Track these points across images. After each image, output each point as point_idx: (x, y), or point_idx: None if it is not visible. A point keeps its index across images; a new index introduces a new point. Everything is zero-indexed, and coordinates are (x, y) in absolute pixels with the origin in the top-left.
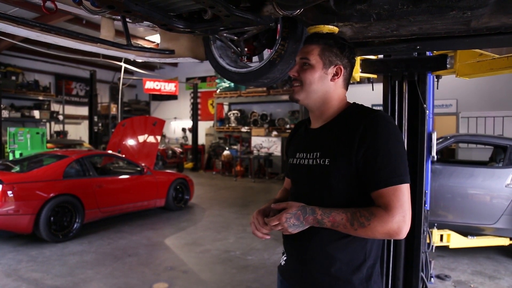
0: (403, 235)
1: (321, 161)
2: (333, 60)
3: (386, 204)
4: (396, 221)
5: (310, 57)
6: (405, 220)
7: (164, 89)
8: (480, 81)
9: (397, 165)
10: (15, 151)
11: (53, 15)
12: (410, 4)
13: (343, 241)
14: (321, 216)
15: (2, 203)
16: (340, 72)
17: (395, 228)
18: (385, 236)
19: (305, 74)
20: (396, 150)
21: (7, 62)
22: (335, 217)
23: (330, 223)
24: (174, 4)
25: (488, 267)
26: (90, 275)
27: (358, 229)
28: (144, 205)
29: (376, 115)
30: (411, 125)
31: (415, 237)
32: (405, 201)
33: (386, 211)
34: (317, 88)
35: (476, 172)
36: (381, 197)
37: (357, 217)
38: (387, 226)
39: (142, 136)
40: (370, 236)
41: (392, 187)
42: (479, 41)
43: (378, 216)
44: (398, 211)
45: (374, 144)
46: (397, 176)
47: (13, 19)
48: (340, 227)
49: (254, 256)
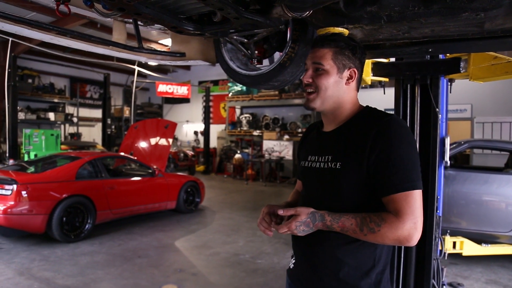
0: (414, 242)
1: (332, 165)
2: (346, 63)
3: (397, 210)
4: (407, 228)
5: (324, 61)
6: (416, 227)
7: (177, 92)
8: (496, 85)
9: (409, 171)
10: (30, 152)
11: (68, 19)
12: (421, 6)
13: (352, 245)
14: (331, 222)
15: (16, 203)
16: (354, 75)
17: (405, 235)
18: (395, 242)
19: (320, 79)
20: (408, 155)
21: (24, 65)
22: (345, 223)
23: (339, 228)
24: (184, 7)
25: (503, 276)
26: (100, 276)
27: (368, 235)
28: (155, 207)
29: (389, 119)
30: (423, 130)
31: (426, 243)
32: (416, 208)
33: (397, 217)
34: (333, 94)
35: (491, 179)
36: (392, 202)
37: (367, 222)
38: (397, 233)
39: (154, 139)
40: (380, 242)
41: (404, 193)
42: (493, 44)
43: (388, 222)
44: (409, 217)
45: (386, 149)
46: (409, 182)
47: (27, 22)
48: (349, 232)
49: (263, 259)
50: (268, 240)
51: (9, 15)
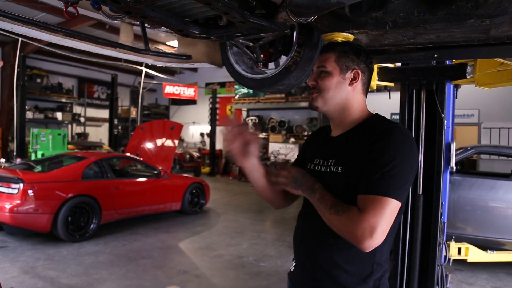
0: (365, 247)
1: (334, 169)
2: (349, 65)
3: (362, 207)
4: (363, 227)
5: (327, 64)
6: (372, 233)
7: (184, 94)
8: (503, 91)
9: (391, 178)
10: (37, 151)
11: (77, 20)
12: (427, 12)
13: (351, 251)
14: (318, 187)
15: (22, 202)
16: (358, 76)
17: (358, 233)
18: (347, 235)
19: (322, 81)
20: (399, 163)
21: (33, 65)
22: (326, 195)
23: (319, 195)
24: (190, 10)
25: (509, 284)
26: (104, 276)
27: (332, 214)
28: (160, 208)
29: (393, 126)
30: (429, 135)
31: (430, 249)
32: (380, 214)
33: (359, 212)
34: (335, 94)
35: (498, 185)
36: (360, 200)
37: (338, 204)
38: (351, 227)
39: (160, 140)
40: (337, 227)
41: (373, 196)
42: (499, 50)
43: (351, 212)
44: (369, 218)
45: (380, 151)
46: (383, 188)
47: (36, 24)
48: (322, 205)
49: (267, 262)
50: (272, 243)
51: (18, 16)
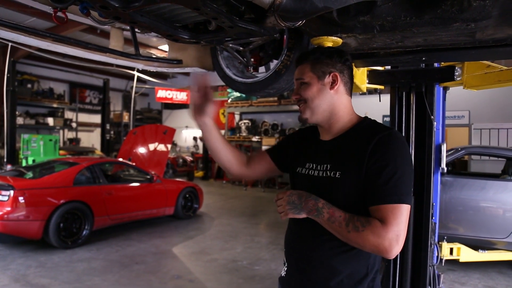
0: (393, 255)
1: (331, 174)
2: (325, 69)
3: (383, 218)
4: (389, 238)
5: (304, 76)
6: (398, 240)
7: (176, 98)
8: (493, 92)
9: (401, 184)
10: (28, 158)
11: (68, 25)
12: (413, 16)
13: (348, 254)
14: (323, 205)
15: (13, 209)
16: (336, 78)
17: (386, 245)
18: (374, 249)
19: (304, 92)
20: (403, 169)
21: (24, 70)
22: (335, 212)
23: (328, 215)
24: (179, 16)
25: (500, 282)
26: (97, 282)
27: (351, 232)
28: (153, 213)
29: (390, 133)
30: (419, 137)
31: (422, 250)
32: (401, 221)
33: (382, 224)
34: (320, 102)
35: (488, 185)
36: (379, 212)
37: (354, 220)
38: (379, 240)
39: (152, 144)
40: (360, 244)
41: (392, 204)
42: (485, 53)
43: (373, 226)
44: (393, 228)
45: (383, 160)
46: (398, 195)
47: (24, 29)
48: (335, 224)
49: (261, 266)
50: (266, 247)
51: (5, 22)
